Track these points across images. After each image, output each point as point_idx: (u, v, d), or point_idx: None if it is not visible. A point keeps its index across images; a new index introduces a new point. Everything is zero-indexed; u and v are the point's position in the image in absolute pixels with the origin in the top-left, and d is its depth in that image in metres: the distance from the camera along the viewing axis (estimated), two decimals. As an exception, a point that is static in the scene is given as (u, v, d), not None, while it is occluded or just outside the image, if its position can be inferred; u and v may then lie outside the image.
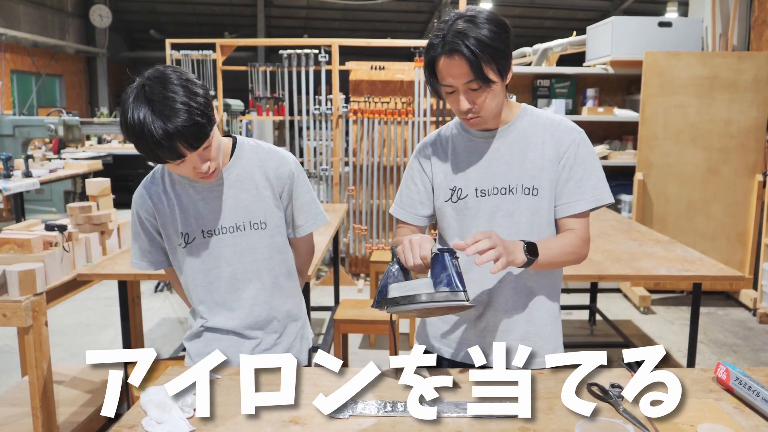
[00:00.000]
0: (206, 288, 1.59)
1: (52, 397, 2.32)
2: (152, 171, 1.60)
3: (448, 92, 1.41)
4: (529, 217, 1.50)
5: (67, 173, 5.93)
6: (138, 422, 1.23)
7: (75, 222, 2.76)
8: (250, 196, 1.56)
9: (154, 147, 1.31)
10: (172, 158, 1.34)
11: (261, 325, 1.63)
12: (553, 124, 1.52)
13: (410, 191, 1.61)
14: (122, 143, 9.60)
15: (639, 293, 4.75)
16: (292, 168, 1.60)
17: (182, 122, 1.29)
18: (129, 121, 1.30)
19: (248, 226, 1.56)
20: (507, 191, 1.50)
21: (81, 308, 4.74)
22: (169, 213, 1.55)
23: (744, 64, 4.65)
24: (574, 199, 1.50)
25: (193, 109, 1.30)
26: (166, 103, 1.28)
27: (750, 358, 3.88)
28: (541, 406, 1.30)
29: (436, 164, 1.56)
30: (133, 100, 1.30)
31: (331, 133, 5.27)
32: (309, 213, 1.65)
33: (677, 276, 2.57)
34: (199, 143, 1.34)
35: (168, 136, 1.29)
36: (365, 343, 4.02)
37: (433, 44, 1.37)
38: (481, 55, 1.33)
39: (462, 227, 1.54)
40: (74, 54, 14.36)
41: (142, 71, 1.36)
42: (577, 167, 1.49)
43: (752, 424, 1.23)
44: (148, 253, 1.62)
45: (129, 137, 1.33)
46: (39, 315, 2.21)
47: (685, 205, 4.83)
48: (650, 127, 4.77)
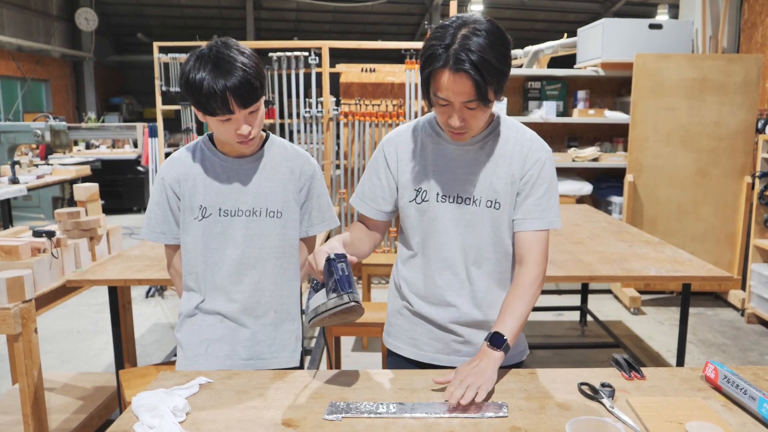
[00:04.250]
0: (210, 268, 1.61)
1: (43, 404, 2.30)
2: (188, 144, 1.68)
3: (442, 104, 1.38)
4: (490, 230, 1.51)
5: (55, 179, 5.87)
6: (130, 427, 1.23)
7: (63, 228, 2.74)
8: (273, 185, 1.62)
9: (209, 97, 1.42)
10: (222, 111, 1.45)
11: (258, 312, 1.64)
12: (523, 140, 1.51)
13: (373, 185, 1.59)
14: (110, 149, 9.55)
15: (629, 294, 4.77)
16: (316, 169, 1.71)
17: (238, 79, 1.42)
18: (191, 76, 1.43)
19: (264, 212, 1.61)
20: (471, 202, 1.50)
21: (71, 315, 4.71)
22: (192, 184, 1.60)
23: (734, 66, 4.69)
24: (530, 217, 1.50)
25: (248, 71, 1.44)
26: (227, 60, 1.43)
27: (738, 357, 3.91)
28: (533, 406, 1.31)
29: (402, 162, 1.55)
30: (198, 58, 1.44)
31: (322, 136, 5.27)
32: (325, 213, 1.73)
33: (667, 277, 2.58)
34: (249, 102, 1.46)
35: (224, 89, 1.41)
36: (358, 346, 4.02)
37: (436, 55, 1.31)
38: (489, 78, 1.30)
39: (424, 230, 1.54)
40: (60, 58, 14.24)
41: (130, 75, 1.39)
42: (538, 186, 1.50)
43: (740, 422, 1.24)
44: (162, 224, 1.65)
45: (187, 89, 1.45)
46: (28, 322, 2.19)
47: (675, 207, 4.87)
48: (641, 129, 4.81)
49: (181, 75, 1.48)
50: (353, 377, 1.47)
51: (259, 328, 1.65)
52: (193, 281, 1.65)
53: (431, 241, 1.54)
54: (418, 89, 5.11)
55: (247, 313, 1.63)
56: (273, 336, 1.67)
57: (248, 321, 1.64)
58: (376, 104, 5.22)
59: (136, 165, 8.76)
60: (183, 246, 1.65)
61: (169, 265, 1.74)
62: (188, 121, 5.21)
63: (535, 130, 1.59)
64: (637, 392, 1.38)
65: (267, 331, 1.66)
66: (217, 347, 1.63)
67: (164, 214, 1.65)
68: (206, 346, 1.63)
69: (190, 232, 1.62)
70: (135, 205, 9.09)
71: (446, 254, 1.53)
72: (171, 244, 1.68)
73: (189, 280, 1.66)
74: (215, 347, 1.63)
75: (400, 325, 1.64)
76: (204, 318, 1.64)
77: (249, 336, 1.64)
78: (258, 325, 1.65)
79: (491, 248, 1.52)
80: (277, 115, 5.26)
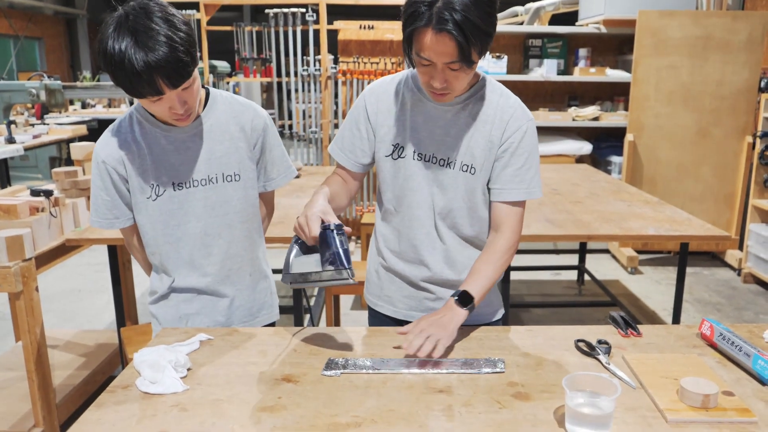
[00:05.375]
0: (174, 245, 1.54)
1: (46, 360, 2.33)
2: (118, 119, 1.51)
3: (424, 64, 1.33)
4: (464, 193, 1.49)
5: (52, 138, 5.83)
6: (132, 382, 1.25)
7: (61, 187, 2.73)
8: (224, 148, 1.52)
9: (133, 79, 1.25)
10: (151, 93, 1.29)
11: (234, 279, 1.60)
12: (505, 107, 1.47)
13: (353, 136, 1.55)
14: (106, 108, 9.44)
15: (627, 254, 4.80)
16: (266, 120, 1.60)
17: (164, 56, 1.24)
18: (109, 51, 1.24)
19: (221, 178, 1.52)
20: (445, 164, 1.48)
21: (72, 274, 4.74)
22: (139, 163, 1.48)
23: (738, 24, 4.61)
24: (509, 187, 1.48)
25: (176, 45, 1.26)
26: (149, 34, 1.23)
27: (733, 316, 3.96)
28: (530, 362, 1.33)
29: (382, 115, 1.51)
30: (115, 28, 1.25)
31: (320, 95, 5.21)
32: (282, 166, 1.65)
33: (665, 236, 2.59)
34: (180, 81, 1.30)
35: (149, 69, 1.24)
36: (357, 304, 4.06)
37: (419, 12, 1.25)
38: (472, 39, 1.25)
39: (399, 186, 1.52)
40: (53, 15, 13.96)
41: None
42: (518, 156, 1.46)
43: (734, 378, 1.26)
44: (113, 209, 1.52)
45: (108, 67, 1.27)
46: (29, 280, 2.20)
47: (675, 167, 4.85)
48: (642, 88, 4.75)
49: (98, 43, 1.27)
50: (352, 334, 1.48)
51: (237, 294, 1.62)
52: (158, 260, 1.57)
53: (406, 198, 1.52)
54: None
55: (223, 283, 1.59)
56: (252, 298, 1.65)
57: (225, 290, 1.60)
58: (374, 62, 5.14)
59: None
60: (140, 227, 1.55)
61: (129, 244, 1.63)
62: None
63: (535, 88, 1.57)
64: (634, 349, 1.40)
65: (244, 295, 1.63)
66: (197, 320, 1.60)
67: (113, 199, 1.51)
68: (185, 321, 1.60)
69: (145, 212, 1.51)
70: (133, 165, 9.00)
71: (419, 213, 1.52)
72: (126, 227, 1.57)
73: (153, 259, 1.58)
74: (194, 320, 1.60)
75: (376, 282, 1.66)
76: (178, 296, 1.59)
77: (227, 305, 1.61)
78: (235, 291, 1.61)
79: (465, 212, 1.51)
80: (274, 73, 5.18)
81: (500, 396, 1.19)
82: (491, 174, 1.49)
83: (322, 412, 1.14)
